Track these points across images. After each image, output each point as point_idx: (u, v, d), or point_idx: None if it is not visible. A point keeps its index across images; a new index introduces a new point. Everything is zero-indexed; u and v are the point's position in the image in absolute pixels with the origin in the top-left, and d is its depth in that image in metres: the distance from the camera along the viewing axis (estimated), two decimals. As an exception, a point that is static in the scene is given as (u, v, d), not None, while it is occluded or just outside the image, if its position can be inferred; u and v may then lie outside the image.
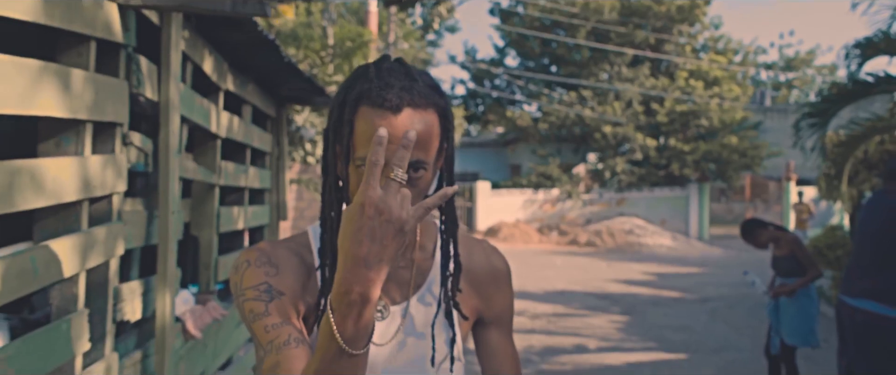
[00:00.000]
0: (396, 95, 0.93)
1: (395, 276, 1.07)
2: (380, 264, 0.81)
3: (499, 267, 1.18)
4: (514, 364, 1.17)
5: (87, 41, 1.41)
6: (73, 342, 1.37)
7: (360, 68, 1.00)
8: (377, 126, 0.92)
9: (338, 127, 0.97)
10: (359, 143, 0.94)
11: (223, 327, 2.56)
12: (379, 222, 0.80)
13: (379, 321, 1.05)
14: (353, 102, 0.95)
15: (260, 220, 3.34)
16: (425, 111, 0.95)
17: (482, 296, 1.15)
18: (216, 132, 2.41)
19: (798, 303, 4.39)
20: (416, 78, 0.97)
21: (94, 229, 1.46)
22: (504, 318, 1.18)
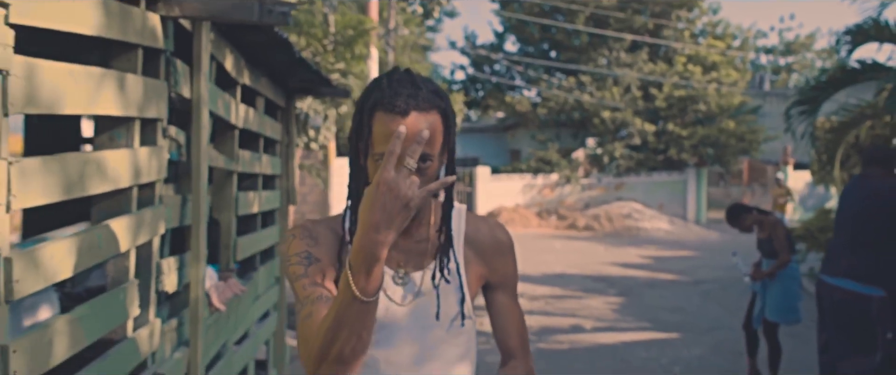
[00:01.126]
0: (404, 101, 1.15)
1: (413, 250, 1.29)
2: (388, 230, 1.03)
3: (502, 239, 1.39)
4: (518, 321, 1.39)
5: (136, 48, 1.62)
6: (127, 307, 1.60)
7: (374, 80, 1.23)
8: (390, 128, 1.14)
9: (359, 129, 1.20)
10: (376, 141, 1.17)
11: (242, 302, 2.80)
12: (389, 197, 1.02)
13: (400, 286, 1.27)
14: (370, 109, 1.18)
15: (272, 204, 3.56)
16: (429, 113, 1.17)
17: (488, 264, 1.36)
18: (234, 123, 2.62)
19: (781, 283, 4.62)
20: (421, 86, 1.19)
21: (143, 211, 1.68)
22: (508, 282, 1.39)
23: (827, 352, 4.00)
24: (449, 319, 1.28)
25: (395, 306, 1.25)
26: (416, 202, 1.04)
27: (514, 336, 1.36)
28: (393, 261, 1.27)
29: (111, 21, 1.44)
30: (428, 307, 1.27)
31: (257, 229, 3.23)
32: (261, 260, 3.36)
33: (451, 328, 1.28)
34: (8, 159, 1.06)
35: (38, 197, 1.18)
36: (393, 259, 1.27)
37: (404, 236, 1.27)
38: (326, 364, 1.09)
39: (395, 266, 1.27)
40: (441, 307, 1.27)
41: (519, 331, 1.38)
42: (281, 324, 3.85)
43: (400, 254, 1.28)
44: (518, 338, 1.37)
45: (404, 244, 1.27)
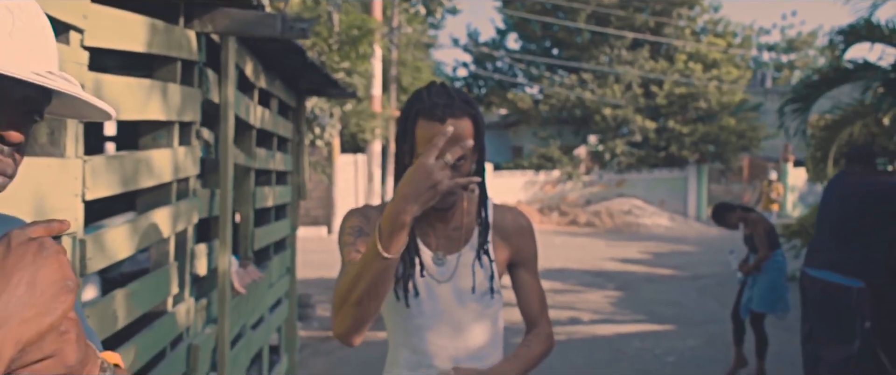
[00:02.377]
0: (441, 110, 1.39)
1: (450, 236, 1.52)
2: (414, 203, 1.25)
3: (524, 224, 1.64)
4: (539, 292, 1.64)
5: (176, 61, 1.85)
6: (168, 286, 1.84)
7: (416, 92, 1.47)
8: (430, 132, 1.39)
9: (403, 133, 1.44)
10: (419, 143, 1.41)
11: (258, 288, 3.03)
12: (422, 178, 1.25)
13: (440, 266, 1.50)
14: (414, 117, 1.42)
15: (284, 199, 3.79)
16: (462, 120, 1.41)
17: (512, 246, 1.60)
18: (253, 124, 2.85)
19: (767, 275, 4.84)
20: (455, 97, 1.43)
21: (180, 202, 1.92)
22: (530, 261, 1.64)
23: (810, 341, 4.21)
24: (481, 293, 1.52)
25: (435, 283, 1.49)
26: (443, 188, 1.26)
27: (536, 305, 1.62)
28: (432, 245, 1.52)
29: (157, 39, 1.66)
30: (463, 284, 1.51)
31: (271, 221, 3.46)
32: (274, 251, 3.60)
33: (482, 301, 1.52)
34: (83, 158, 1.28)
35: (104, 190, 1.41)
36: (432, 244, 1.52)
37: (442, 223, 1.52)
38: (346, 307, 1.33)
39: (434, 249, 1.52)
40: (476, 281, 1.51)
41: (540, 301, 1.63)
42: (292, 312, 4.08)
43: (438, 239, 1.52)
44: (540, 307, 1.62)
45: (441, 231, 1.52)
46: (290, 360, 4.07)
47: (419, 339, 1.49)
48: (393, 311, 1.53)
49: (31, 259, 0.66)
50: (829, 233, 4.12)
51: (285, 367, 3.93)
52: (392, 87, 17.04)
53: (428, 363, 1.49)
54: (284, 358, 3.94)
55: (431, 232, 1.51)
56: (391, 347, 1.57)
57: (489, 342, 1.55)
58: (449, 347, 1.49)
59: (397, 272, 1.47)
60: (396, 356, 1.54)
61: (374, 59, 13.41)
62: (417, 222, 1.50)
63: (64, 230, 0.71)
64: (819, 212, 4.30)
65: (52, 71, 0.73)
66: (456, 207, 1.51)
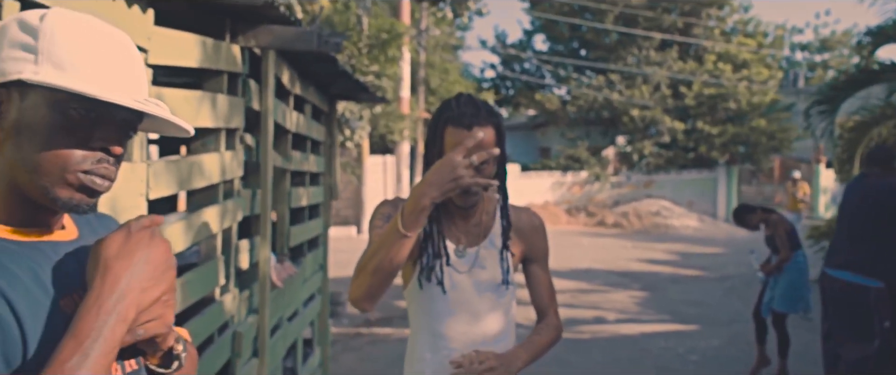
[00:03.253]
0: (468, 118, 1.57)
1: (471, 232, 1.69)
2: (437, 190, 1.43)
3: (536, 223, 1.82)
4: (549, 286, 1.81)
5: (223, 74, 2.04)
6: (216, 277, 2.03)
7: (445, 102, 1.65)
8: (458, 138, 1.56)
9: (433, 139, 1.62)
10: (447, 148, 1.58)
11: (294, 283, 3.23)
12: (447, 170, 1.43)
13: (461, 258, 1.67)
14: (443, 124, 1.60)
15: (317, 199, 3.99)
16: (486, 127, 1.58)
17: (526, 242, 1.78)
18: (289, 128, 3.04)
19: (788, 276, 4.92)
20: (480, 107, 1.60)
21: (227, 201, 2.11)
22: (542, 257, 1.82)
23: (829, 339, 4.28)
24: (496, 283, 1.69)
25: (456, 273, 1.66)
26: (464, 183, 1.44)
27: (546, 297, 1.79)
28: (455, 239, 1.68)
29: (208, 55, 1.85)
30: (481, 275, 1.68)
31: (305, 220, 3.66)
32: (308, 248, 3.80)
33: (498, 291, 1.69)
34: (147, 163, 1.47)
35: (164, 190, 1.60)
36: (455, 238, 1.68)
37: (463, 220, 1.69)
38: (363, 274, 1.51)
39: (456, 243, 1.68)
40: (494, 272, 1.68)
41: (550, 294, 1.80)
42: (324, 308, 4.28)
43: (460, 234, 1.69)
44: (549, 299, 1.80)
45: (463, 227, 1.69)
46: (323, 353, 4.27)
47: (439, 324, 1.65)
48: (416, 298, 1.69)
49: (147, 242, 0.85)
50: (847, 234, 4.19)
51: (318, 360, 4.13)
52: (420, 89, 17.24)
53: (446, 345, 1.65)
54: (317, 351, 4.13)
55: (454, 227, 1.68)
56: (413, 331, 1.74)
57: (503, 328, 1.71)
58: (466, 332, 1.66)
59: (423, 262, 1.64)
60: (417, 339, 1.70)
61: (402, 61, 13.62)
62: (443, 218, 1.67)
63: (159, 223, 0.90)
64: (839, 213, 4.37)
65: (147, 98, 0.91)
66: (477, 205, 1.68)
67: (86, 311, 0.80)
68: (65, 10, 0.88)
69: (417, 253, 1.65)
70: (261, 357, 2.46)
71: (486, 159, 1.53)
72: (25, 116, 0.84)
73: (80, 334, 0.78)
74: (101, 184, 0.88)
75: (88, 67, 0.84)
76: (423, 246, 1.63)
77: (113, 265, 0.83)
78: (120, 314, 0.81)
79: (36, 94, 0.84)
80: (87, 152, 0.86)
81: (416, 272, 1.66)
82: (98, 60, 0.86)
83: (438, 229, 1.66)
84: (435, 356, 1.66)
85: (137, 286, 0.83)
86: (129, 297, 0.82)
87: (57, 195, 0.85)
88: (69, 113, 0.84)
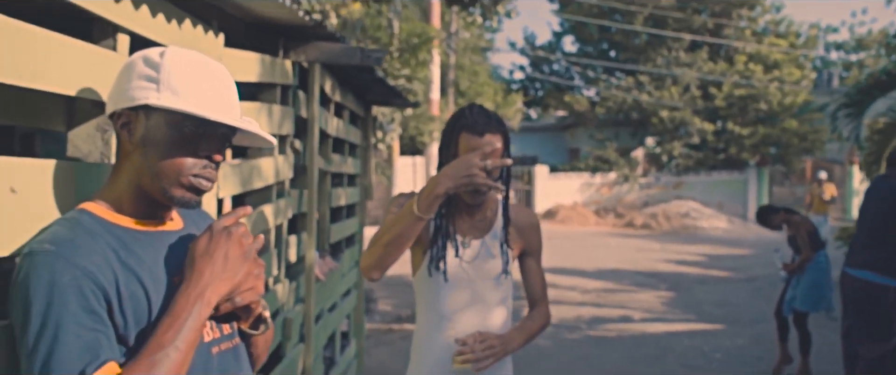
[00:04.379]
0: (480, 126, 1.78)
1: (476, 226, 1.90)
2: (451, 183, 1.63)
3: (533, 222, 2.04)
4: (541, 277, 2.03)
5: (277, 86, 2.28)
6: (270, 268, 2.27)
7: (459, 111, 1.86)
8: (471, 144, 1.77)
9: (448, 144, 1.83)
10: (461, 151, 1.79)
11: (333, 276, 3.47)
12: (462, 169, 1.63)
13: (466, 249, 1.88)
14: (458, 130, 1.81)
15: (353, 199, 4.23)
16: (495, 135, 1.79)
17: (524, 238, 1.99)
18: (330, 133, 3.29)
19: (810, 275, 5.03)
20: (491, 116, 1.82)
21: (279, 201, 2.35)
22: (537, 251, 2.03)
23: (849, 337, 4.39)
24: (497, 273, 1.90)
25: (464, 263, 1.87)
26: (476, 181, 1.64)
27: (538, 287, 2.02)
28: (462, 232, 1.90)
29: (266, 70, 2.09)
30: (483, 265, 1.89)
31: (343, 219, 3.90)
32: (345, 245, 4.04)
33: (497, 279, 1.90)
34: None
35: (231, 190, 1.84)
36: (462, 231, 1.90)
37: (470, 216, 1.90)
38: (376, 246, 1.74)
39: (463, 236, 1.89)
40: (494, 263, 1.89)
41: (542, 284, 2.03)
42: (360, 302, 4.52)
43: (467, 228, 1.90)
44: (541, 289, 2.03)
45: (470, 222, 1.90)
46: (358, 345, 4.51)
47: (444, 306, 1.87)
48: (425, 284, 1.91)
49: (224, 242, 1.09)
50: (867, 234, 4.29)
51: (354, 351, 4.37)
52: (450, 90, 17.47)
53: (449, 325, 1.87)
54: (353, 343, 4.37)
55: (462, 222, 1.90)
56: (420, 315, 1.95)
57: (501, 313, 1.93)
58: (468, 314, 1.87)
59: (433, 252, 1.86)
60: (425, 321, 1.92)
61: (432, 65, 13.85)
62: (451, 213, 1.89)
63: (246, 214, 1.13)
64: (859, 214, 4.47)
65: (242, 117, 1.15)
66: (483, 203, 1.90)
67: (180, 296, 1.05)
68: (178, 48, 1.12)
69: (428, 244, 1.87)
70: (307, 343, 2.70)
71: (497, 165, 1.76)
72: (150, 132, 1.09)
73: (174, 313, 1.03)
74: (207, 185, 1.12)
75: (197, 93, 1.08)
76: (434, 238, 1.85)
77: (198, 262, 1.07)
78: (204, 299, 1.05)
79: (158, 115, 1.08)
80: (196, 160, 1.10)
81: (426, 262, 1.88)
82: (204, 88, 1.10)
83: (447, 224, 1.87)
84: (440, 336, 1.87)
85: (217, 277, 1.07)
86: (210, 286, 1.06)
87: (173, 194, 1.09)
88: (183, 129, 1.08)
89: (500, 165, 1.66)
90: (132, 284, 1.04)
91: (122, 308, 1.02)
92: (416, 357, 1.94)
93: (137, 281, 1.05)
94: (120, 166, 1.12)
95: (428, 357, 1.88)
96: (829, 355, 5.51)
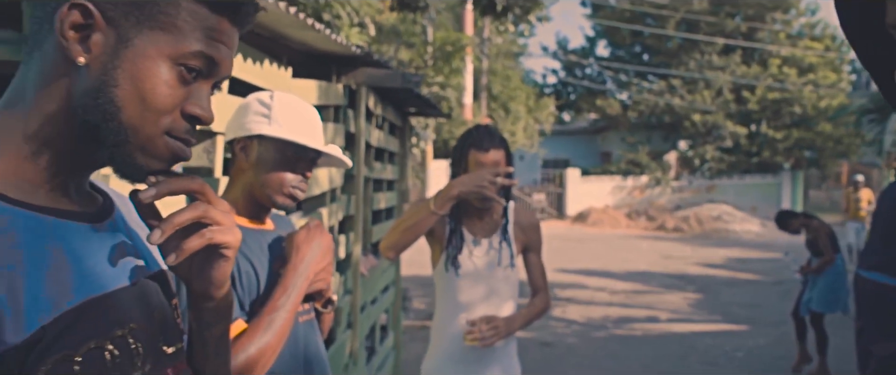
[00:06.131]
0: (486, 144, 2.14)
1: (485, 227, 2.25)
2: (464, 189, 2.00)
3: (534, 222, 2.39)
4: (542, 270, 2.38)
5: (331, 107, 2.65)
6: (325, 264, 2.66)
7: (467, 131, 2.23)
8: (477, 159, 2.13)
9: (459, 159, 2.19)
10: (470, 166, 2.15)
11: (374, 273, 3.84)
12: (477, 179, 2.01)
13: (477, 246, 2.23)
14: (467, 148, 2.18)
15: (391, 202, 4.60)
16: (498, 151, 2.15)
17: (526, 235, 2.34)
18: (372, 144, 3.66)
19: (826, 277, 5.24)
20: (494, 135, 2.18)
21: (332, 204, 2.72)
22: (538, 246, 2.38)
23: (862, 337, 4.60)
24: (504, 266, 2.25)
25: (475, 258, 2.22)
26: (485, 193, 2.01)
27: (539, 278, 2.37)
28: (473, 232, 2.25)
29: (323, 94, 2.46)
30: (493, 259, 2.24)
31: (383, 220, 4.27)
32: (385, 245, 4.42)
33: (504, 271, 2.25)
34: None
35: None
36: (473, 231, 2.25)
37: (480, 218, 2.25)
38: (396, 231, 2.10)
39: (474, 235, 2.25)
40: (501, 257, 2.24)
41: (542, 275, 2.38)
42: (397, 298, 4.89)
43: (477, 229, 2.26)
44: (541, 279, 2.38)
45: (479, 223, 2.26)
46: (396, 338, 4.88)
47: (458, 295, 2.22)
48: (444, 276, 2.25)
49: (319, 234, 1.45)
50: (880, 236, 4.48)
51: (392, 343, 4.74)
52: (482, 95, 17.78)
53: (463, 312, 2.21)
54: (391, 335, 4.74)
55: (473, 223, 2.26)
56: (439, 303, 2.30)
57: (507, 300, 2.27)
58: (478, 301, 2.22)
59: (449, 250, 2.23)
60: (443, 308, 2.27)
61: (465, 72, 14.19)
62: (464, 217, 2.24)
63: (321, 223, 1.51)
64: (873, 216, 4.67)
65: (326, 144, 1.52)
66: (491, 208, 2.25)
67: (288, 272, 1.41)
68: (282, 93, 1.50)
69: (445, 243, 2.23)
70: (354, 329, 3.07)
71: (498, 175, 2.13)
72: (261, 155, 1.46)
73: (284, 284, 1.39)
74: (301, 195, 1.49)
75: (296, 126, 1.46)
76: (450, 239, 2.21)
77: (301, 247, 1.43)
78: (304, 275, 1.41)
79: (268, 141, 1.46)
80: (295, 176, 1.47)
81: (443, 258, 2.24)
82: (301, 122, 1.47)
83: (460, 226, 2.23)
84: (455, 320, 2.22)
85: (313, 259, 1.43)
86: (310, 266, 1.42)
87: (276, 200, 1.46)
88: (286, 153, 1.45)
89: (508, 183, 2.03)
90: (246, 266, 1.41)
91: (241, 283, 1.39)
92: (435, 338, 2.30)
93: (249, 264, 1.42)
94: (236, 179, 1.50)
95: (444, 337, 2.24)
96: (849, 354, 5.69)
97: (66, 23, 0.67)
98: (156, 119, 0.70)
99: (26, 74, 0.71)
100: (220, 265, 0.78)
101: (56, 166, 0.71)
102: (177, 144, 0.72)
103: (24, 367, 0.62)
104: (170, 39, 0.69)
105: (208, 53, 0.72)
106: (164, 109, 0.70)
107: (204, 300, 0.80)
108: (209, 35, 0.72)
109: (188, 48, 0.70)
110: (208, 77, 0.74)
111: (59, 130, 0.70)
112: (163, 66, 0.69)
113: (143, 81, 0.68)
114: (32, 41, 0.71)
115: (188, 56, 0.70)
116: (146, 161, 0.71)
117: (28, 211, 0.67)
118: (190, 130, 0.73)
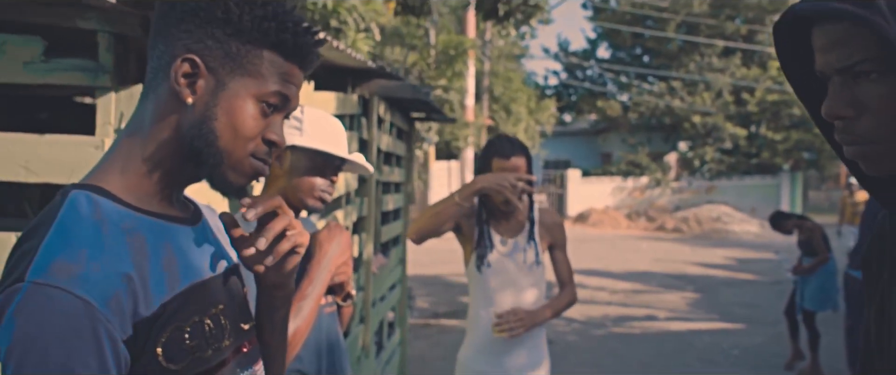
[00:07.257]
0: (508, 151, 2.32)
1: (513, 227, 2.43)
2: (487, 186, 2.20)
3: (558, 221, 2.58)
4: (568, 265, 2.56)
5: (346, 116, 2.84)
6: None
7: (490, 141, 2.42)
8: (500, 165, 2.32)
9: (483, 167, 2.38)
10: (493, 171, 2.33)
11: (383, 271, 4.03)
12: (501, 179, 2.20)
13: (505, 246, 2.41)
14: (490, 156, 2.36)
15: (398, 204, 4.79)
16: (520, 158, 2.33)
17: (551, 234, 2.52)
18: (382, 148, 3.85)
19: (818, 276, 5.43)
20: (516, 143, 2.37)
21: (347, 206, 2.91)
22: (561, 245, 2.56)
23: (852, 335, 4.79)
24: (529, 263, 2.43)
25: (501, 256, 2.41)
26: (504, 194, 2.21)
27: (565, 272, 2.55)
28: (501, 232, 2.43)
29: (340, 104, 2.65)
30: (521, 256, 2.43)
31: (390, 221, 4.46)
32: (393, 244, 4.61)
33: (531, 268, 2.43)
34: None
35: (316, 200, 2.43)
36: (501, 231, 2.43)
37: (506, 220, 2.44)
38: (422, 218, 2.30)
39: (501, 235, 2.43)
40: (527, 255, 2.43)
41: (568, 270, 2.56)
42: (403, 296, 5.07)
43: (504, 229, 2.44)
44: (568, 274, 2.56)
45: (506, 224, 2.44)
46: (402, 334, 5.07)
47: (491, 293, 2.41)
48: (475, 274, 2.44)
49: (338, 233, 1.63)
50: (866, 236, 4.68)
51: (398, 339, 4.92)
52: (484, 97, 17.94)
53: (493, 307, 2.40)
54: (397, 332, 4.93)
55: (499, 225, 2.44)
56: (472, 299, 2.48)
57: (535, 294, 2.45)
58: (506, 295, 2.40)
59: (479, 250, 2.41)
60: (475, 303, 2.45)
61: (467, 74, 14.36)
62: (491, 218, 2.43)
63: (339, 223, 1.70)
64: (862, 217, 4.86)
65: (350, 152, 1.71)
66: (516, 210, 2.44)
67: (312, 266, 1.59)
68: (311, 107, 1.68)
69: (475, 243, 2.42)
70: (366, 323, 3.26)
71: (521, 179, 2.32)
72: (294, 163, 1.64)
73: (310, 276, 1.57)
74: (329, 198, 1.67)
75: (325, 137, 1.64)
76: (479, 239, 2.40)
77: (324, 244, 1.62)
78: (327, 268, 1.59)
79: (300, 151, 1.64)
80: (324, 181, 1.65)
81: (474, 257, 2.43)
82: (328, 133, 1.65)
83: (489, 228, 2.42)
84: (485, 313, 2.41)
85: (335, 254, 1.62)
86: (332, 261, 1.61)
87: (308, 204, 1.65)
88: (316, 161, 1.64)
89: (529, 189, 2.22)
90: None
91: None
92: (470, 329, 2.50)
93: None
94: (270, 185, 1.68)
95: (476, 329, 2.44)
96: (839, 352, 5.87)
97: (180, 72, 0.87)
98: (244, 144, 0.90)
99: (144, 110, 0.92)
100: (292, 261, 0.98)
101: (166, 181, 0.91)
102: (258, 163, 0.92)
103: (151, 334, 0.82)
104: (255, 83, 0.89)
105: (284, 93, 0.92)
106: (251, 136, 0.90)
107: (276, 289, 1.01)
108: (284, 78, 0.92)
109: (268, 89, 0.90)
110: (282, 110, 0.94)
111: (170, 153, 0.90)
112: (249, 103, 0.89)
113: (235, 115, 0.88)
114: (148, 86, 0.92)
115: (268, 95, 0.90)
116: (235, 178, 0.91)
117: (149, 217, 0.88)
118: (268, 152, 0.93)
